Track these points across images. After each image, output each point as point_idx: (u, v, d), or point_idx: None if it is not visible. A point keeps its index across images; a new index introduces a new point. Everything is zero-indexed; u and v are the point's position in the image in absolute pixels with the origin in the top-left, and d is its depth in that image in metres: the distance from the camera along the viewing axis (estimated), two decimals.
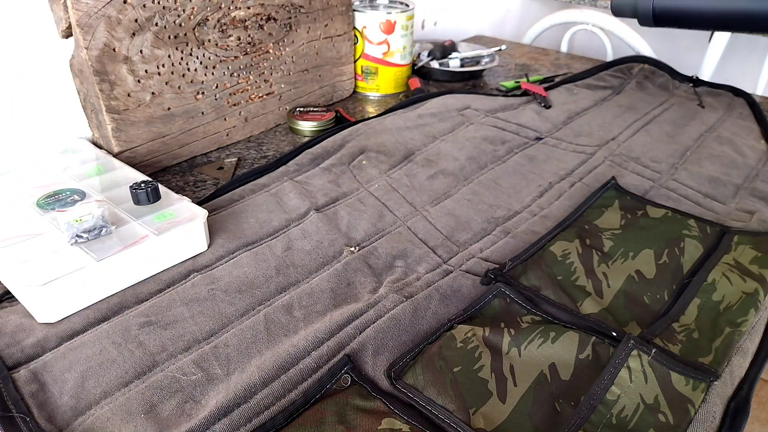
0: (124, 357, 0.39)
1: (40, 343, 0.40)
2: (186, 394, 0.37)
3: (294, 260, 0.50)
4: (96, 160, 0.57)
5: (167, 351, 0.40)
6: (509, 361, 0.39)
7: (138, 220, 0.48)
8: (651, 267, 0.49)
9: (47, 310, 0.41)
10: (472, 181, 0.63)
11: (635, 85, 0.92)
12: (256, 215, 0.55)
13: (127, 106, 0.59)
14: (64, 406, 0.36)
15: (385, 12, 0.82)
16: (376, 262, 0.50)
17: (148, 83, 0.60)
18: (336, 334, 0.41)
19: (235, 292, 0.46)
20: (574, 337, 0.41)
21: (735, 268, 0.49)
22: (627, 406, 0.36)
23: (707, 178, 0.65)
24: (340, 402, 0.36)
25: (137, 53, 0.58)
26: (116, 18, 0.55)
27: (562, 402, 0.37)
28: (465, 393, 0.37)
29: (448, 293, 0.46)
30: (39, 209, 0.48)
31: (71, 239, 0.44)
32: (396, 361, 0.39)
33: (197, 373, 0.38)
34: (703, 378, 0.38)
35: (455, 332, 0.42)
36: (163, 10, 0.58)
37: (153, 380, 0.38)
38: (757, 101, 0.86)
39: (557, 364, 0.39)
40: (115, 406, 0.36)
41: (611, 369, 0.38)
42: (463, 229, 0.55)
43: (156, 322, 0.42)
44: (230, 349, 0.40)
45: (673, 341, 0.42)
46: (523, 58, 1.08)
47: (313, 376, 0.38)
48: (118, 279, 0.45)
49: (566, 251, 0.51)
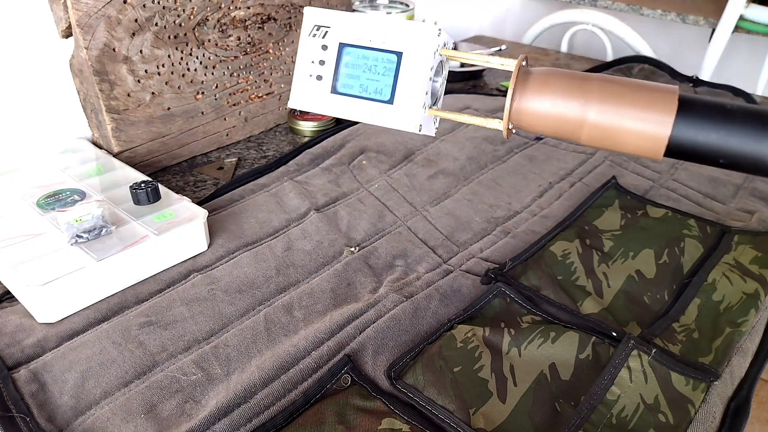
0: (124, 357, 0.39)
1: (40, 343, 0.40)
2: (186, 394, 0.37)
3: (294, 260, 0.50)
4: (96, 160, 0.57)
5: (167, 351, 0.40)
6: (509, 361, 0.39)
7: (138, 220, 0.48)
8: (651, 267, 0.49)
9: (47, 310, 0.41)
10: (472, 181, 0.63)
11: None
12: (256, 215, 0.55)
13: (126, 106, 0.59)
14: (64, 406, 0.36)
15: (385, 12, 0.82)
16: (376, 262, 0.50)
17: (148, 83, 0.60)
18: (336, 334, 0.41)
19: (235, 292, 0.46)
20: (574, 337, 0.41)
21: (735, 267, 0.49)
22: (627, 406, 0.37)
23: (707, 178, 0.65)
24: (340, 402, 0.36)
25: (137, 53, 0.58)
26: (116, 18, 0.55)
27: (562, 402, 0.37)
28: (465, 393, 0.37)
29: (448, 293, 0.46)
30: (39, 209, 0.48)
31: (71, 239, 0.44)
32: (396, 361, 0.39)
33: (197, 373, 0.38)
34: (704, 378, 0.38)
35: (455, 332, 0.42)
36: (163, 10, 0.58)
37: (153, 380, 0.38)
38: (757, 101, 0.86)
39: (557, 364, 0.39)
40: (115, 406, 0.36)
41: (611, 369, 0.38)
42: (463, 229, 0.55)
43: (156, 322, 0.42)
44: (230, 349, 0.40)
45: (673, 341, 0.42)
46: None
47: (313, 376, 0.38)
48: (118, 279, 0.45)
49: (566, 251, 0.51)
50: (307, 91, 0.35)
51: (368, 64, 0.33)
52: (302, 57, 0.35)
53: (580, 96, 0.30)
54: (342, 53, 0.34)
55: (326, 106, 0.35)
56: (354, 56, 0.34)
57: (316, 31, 0.34)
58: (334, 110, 0.35)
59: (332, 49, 0.34)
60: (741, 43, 1.22)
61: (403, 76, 0.33)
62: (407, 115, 0.33)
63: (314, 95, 0.35)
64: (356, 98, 0.34)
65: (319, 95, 0.35)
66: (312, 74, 0.35)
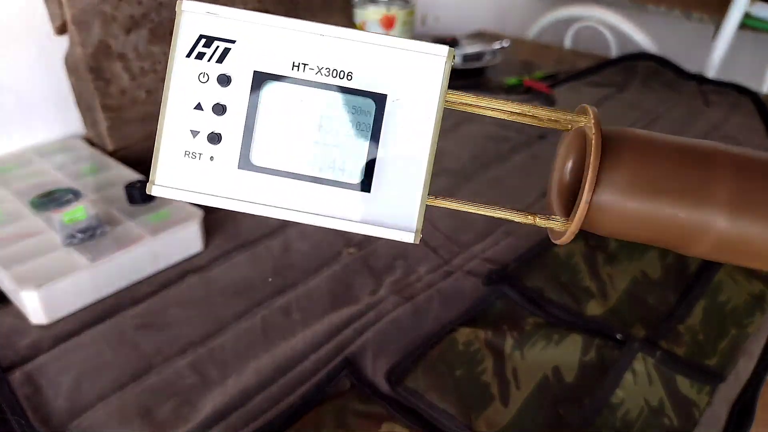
0: (119, 359, 0.39)
1: (35, 344, 0.40)
2: (182, 397, 0.36)
3: (292, 261, 0.49)
4: (91, 159, 0.56)
5: (162, 354, 0.39)
6: (512, 364, 0.39)
7: (133, 220, 0.47)
8: (656, 268, 0.49)
9: (41, 311, 0.41)
10: (474, 181, 0.63)
11: (640, 83, 0.91)
12: (252, 215, 0.54)
13: (122, 104, 0.58)
14: (59, 409, 0.36)
15: (385, 7, 0.81)
16: (375, 263, 0.49)
17: (143, 80, 0.59)
18: (335, 337, 0.41)
19: (231, 293, 0.45)
20: (578, 340, 0.40)
21: (740, 269, 0.48)
22: (631, 410, 0.36)
23: None
24: (339, 406, 0.36)
25: (133, 50, 0.57)
26: (111, 14, 0.54)
27: (565, 405, 0.37)
28: (467, 397, 0.36)
29: (449, 295, 0.46)
30: (33, 209, 0.48)
31: (65, 240, 0.43)
32: (396, 365, 0.39)
33: (193, 376, 0.38)
34: (708, 380, 0.38)
35: (457, 335, 0.41)
36: (159, 6, 0.57)
37: (148, 383, 0.37)
38: (762, 99, 0.85)
39: (561, 366, 0.39)
40: (111, 409, 0.35)
41: (616, 372, 0.38)
42: (465, 230, 0.54)
43: (151, 324, 0.42)
44: (227, 352, 0.40)
45: (678, 343, 0.42)
46: (526, 55, 1.07)
47: (311, 380, 0.38)
48: (113, 280, 0.44)
49: (571, 252, 0.50)
50: (189, 165, 0.19)
51: (318, 113, 0.18)
52: (177, 97, 0.19)
53: (704, 189, 0.18)
54: (261, 91, 0.18)
55: (229, 193, 0.19)
56: (286, 98, 0.18)
57: (205, 48, 0.18)
58: (244, 201, 0.19)
59: (240, 84, 0.18)
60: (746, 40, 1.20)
61: (389, 139, 0.19)
62: (395, 212, 0.19)
63: (204, 173, 0.19)
64: (292, 179, 0.19)
65: (215, 173, 0.19)
66: (198, 131, 0.19)
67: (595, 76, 0.93)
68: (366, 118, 0.18)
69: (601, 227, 0.20)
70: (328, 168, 0.19)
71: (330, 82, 0.18)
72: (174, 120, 0.19)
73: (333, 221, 0.19)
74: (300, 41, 0.18)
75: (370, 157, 0.19)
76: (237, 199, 0.19)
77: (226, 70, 0.18)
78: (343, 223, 0.19)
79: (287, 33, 0.19)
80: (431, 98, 0.19)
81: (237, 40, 0.18)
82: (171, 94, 0.19)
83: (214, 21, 0.18)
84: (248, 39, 0.18)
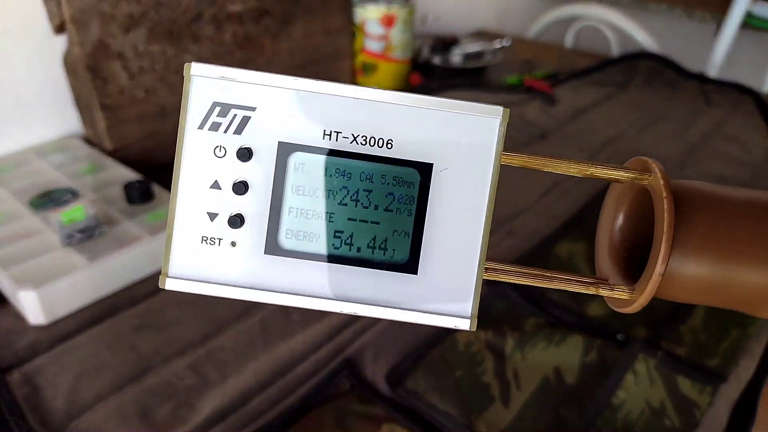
0: (117, 360, 0.39)
1: (33, 345, 0.40)
2: (180, 398, 0.36)
3: None
4: (89, 159, 0.56)
5: (161, 354, 0.39)
6: (512, 365, 0.39)
7: (131, 220, 0.47)
8: None
9: (40, 311, 0.41)
10: None
11: (641, 82, 0.91)
12: None
13: (120, 103, 0.58)
14: (57, 410, 0.35)
15: (385, 5, 0.81)
16: None
17: (142, 80, 0.59)
18: (335, 338, 0.40)
19: None
20: (579, 340, 0.40)
21: None
22: (633, 411, 0.36)
23: (714, 177, 0.64)
24: (338, 407, 0.36)
25: (131, 49, 0.57)
26: (110, 13, 0.54)
27: (566, 406, 0.36)
28: (467, 398, 0.36)
29: None
30: (31, 209, 0.47)
31: (64, 240, 0.43)
32: (396, 365, 0.38)
33: (192, 377, 0.38)
34: (710, 381, 0.38)
35: (457, 335, 0.41)
36: (158, 5, 0.57)
37: (147, 384, 0.37)
38: (764, 99, 0.85)
39: (562, 367, 0.39)
40: (109, 410, 0.35)
41: (617, 373, 0.38)
42: None
43: (150, 324, 0.42)
44: (226, 353, 0.39)
45: (679, 344, 0.41)
46: (527, 54, 1.06)
47: (311, 381, 0.38)
48: (112, 280, 0.44)
49: (572, 252, 0.50)
50: (207, 252, 0.17)
51: (354, 187, 0.17)
52: (190, 175, 0.17)
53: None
54: (288, 165, 0.17)
55: (256, 282, 0.17)
56: (317, 171, 0.17)
57: (220, 118, 0.16)
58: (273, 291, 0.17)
59: (263, 157, 0.17)
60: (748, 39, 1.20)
61: (437, 213, 0.17)
62: (447, 296, 0.17)
63: (225, 260, 0.17)
64: (326, 262, 0.17)
65: (238, 261, 0.17)
66: (216, 214, 0.17)
67: (596, 75, 0.93)
68: (409, 191, 0.17)
69: (666, 294, 0.18)
70: (367, 248, 0.17)
71: (367, 152, 0.16)
72: (188, 201, 0.17)
73: (375, 310, 0.17)
74: (331, 106, 0.16)
75: (416, 234, 0.17)
76: (265, 288, 0.17)
77: (246, 142, 0.16)
78: (387, 311, 0.17)
79: (316, 97, 0.16)
80: (485, 166, 0.17)
81: (257, 107, 0.16)
82: (183, 171, 0.17)
83: (229, 86, 0.16)
84: (271, 105, 0.16)
